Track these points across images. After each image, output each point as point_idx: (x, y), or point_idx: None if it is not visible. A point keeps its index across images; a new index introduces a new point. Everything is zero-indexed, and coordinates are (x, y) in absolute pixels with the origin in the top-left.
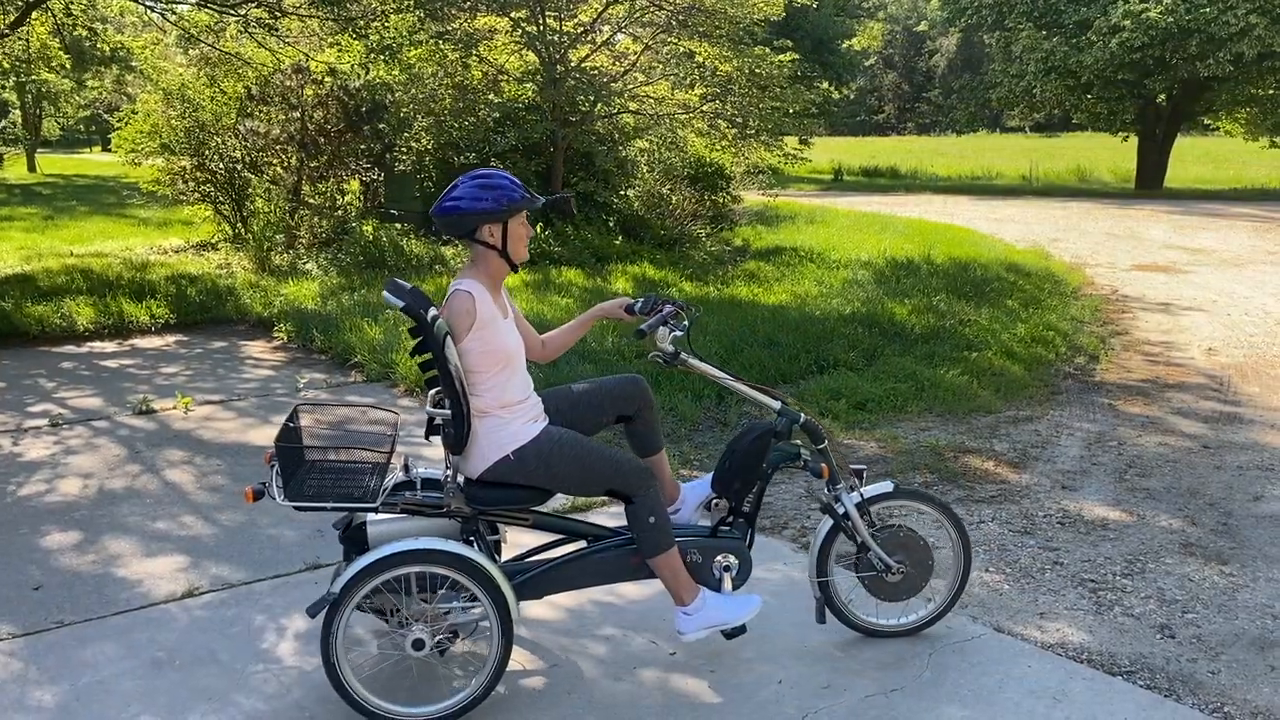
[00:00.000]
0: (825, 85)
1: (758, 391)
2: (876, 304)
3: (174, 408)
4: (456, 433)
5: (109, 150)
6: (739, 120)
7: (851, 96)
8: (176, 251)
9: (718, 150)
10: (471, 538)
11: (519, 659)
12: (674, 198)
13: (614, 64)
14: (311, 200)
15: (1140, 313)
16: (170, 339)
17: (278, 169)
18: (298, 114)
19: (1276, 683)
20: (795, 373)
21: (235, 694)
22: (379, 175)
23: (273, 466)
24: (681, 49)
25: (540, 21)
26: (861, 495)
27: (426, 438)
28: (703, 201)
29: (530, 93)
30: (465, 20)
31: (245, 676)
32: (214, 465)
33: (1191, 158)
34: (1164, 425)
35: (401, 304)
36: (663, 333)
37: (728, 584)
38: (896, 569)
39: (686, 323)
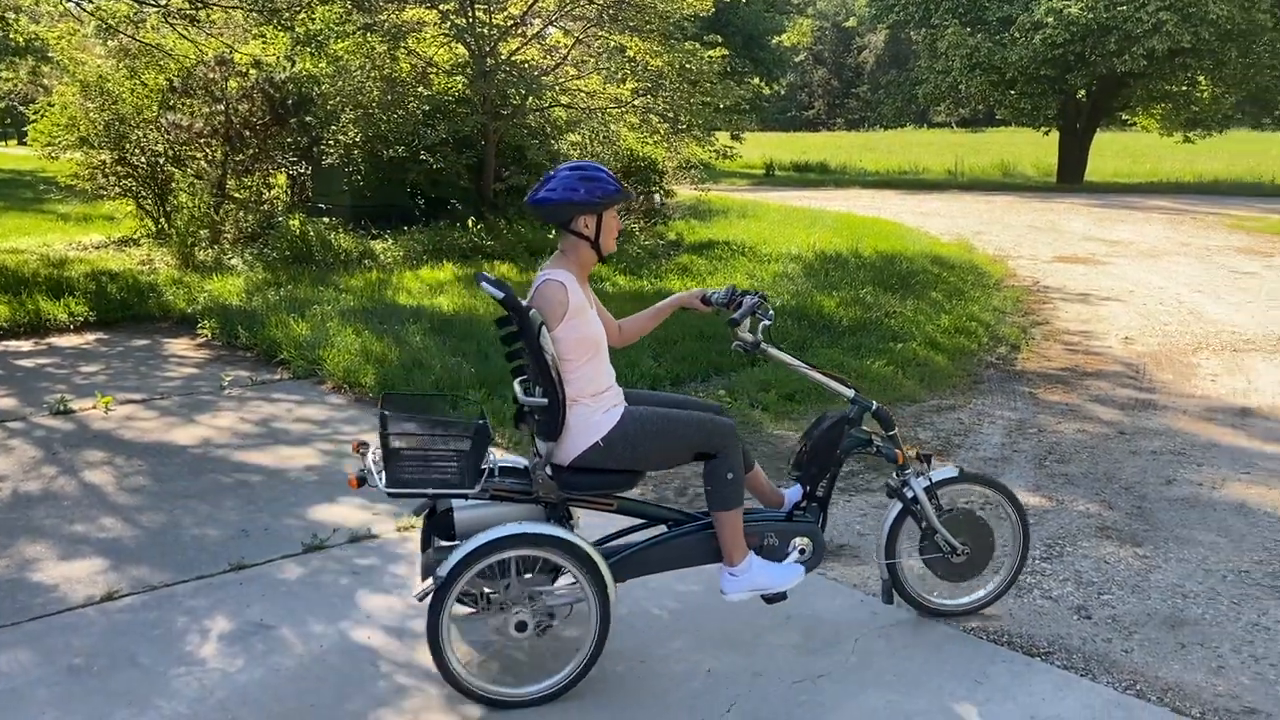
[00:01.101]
0: (756, 81)
1: (832, 380)
2: (806, 297)
3: (93, 407)
4: (551, 420)
5: (25, 143)
6: (670, 115)
7: (782, 92)
8: (97, 248)
9: (650, 145)
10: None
11: None
12: None
13: (545, 57)
14: (237, 194)
15: (1060, 303)
16: (90, 337)
17: (202, 163)
18: (222, 107)
19: (1186, 659)
20: (727, 364)
21: (156, 698)
22: (306, 169)
23: (362, 454)
24: (613, 43)
25: (469, 14)
26: (930, 480)
27: (516, 426)
28: (635, 195)
29: (460, 85)
30: (393, 12)
31: (167, 680)
32: (135, 466)
33: (1111, 152)
34: (1082, 412)
35: (502, 294)
36: (748, 323)
37: (792, 559)
38: (961, 551)
39: (771, 312)
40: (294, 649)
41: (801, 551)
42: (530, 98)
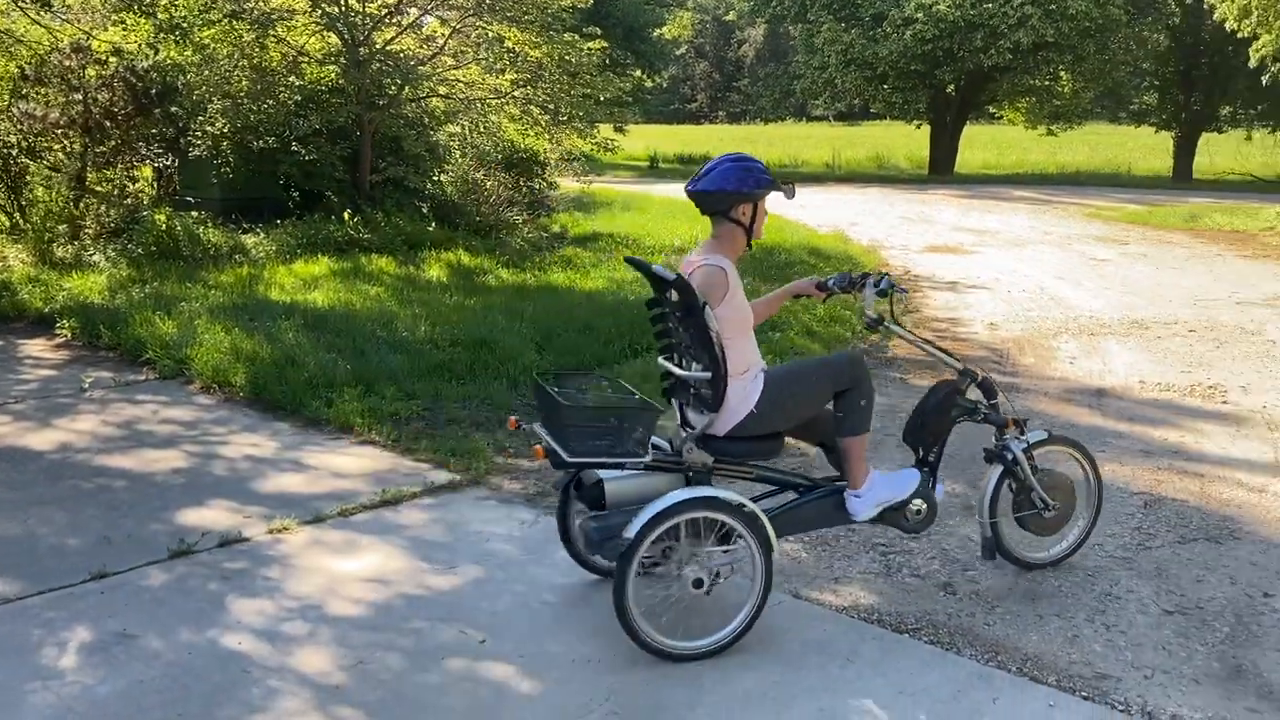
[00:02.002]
0: (638, 73)
1: (945, 355)
2: None
3: None
4: (713, 393)
5: None
6: (551, 106)
7: (664, 85)
8: None
9: (531, 136)
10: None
11: (319, 660)
12: (488, 184)
13: (421, 47)
14: (98, 188)
15: (930, 291)
16: None
17: (59, 155)
18: (80, 96)
19: (1043, 630)
20: (610, 356)
21: (8, 716)
22: (173, 161)
23: (520, 429)
24: (491, 33)
25: (342, 2)
26: (1027, 442)
27: (668, 400)
28: (518, 188)
29: (333, 75)
30: None
31: (21, 696)
32: None
33: (979, 144)
34: None
35: (674, 276)
36: (874, 299)
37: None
38: (1052, 506)
39: (905, 288)
40: (160, 658)
41: (917, 512)
42: (406, 88)
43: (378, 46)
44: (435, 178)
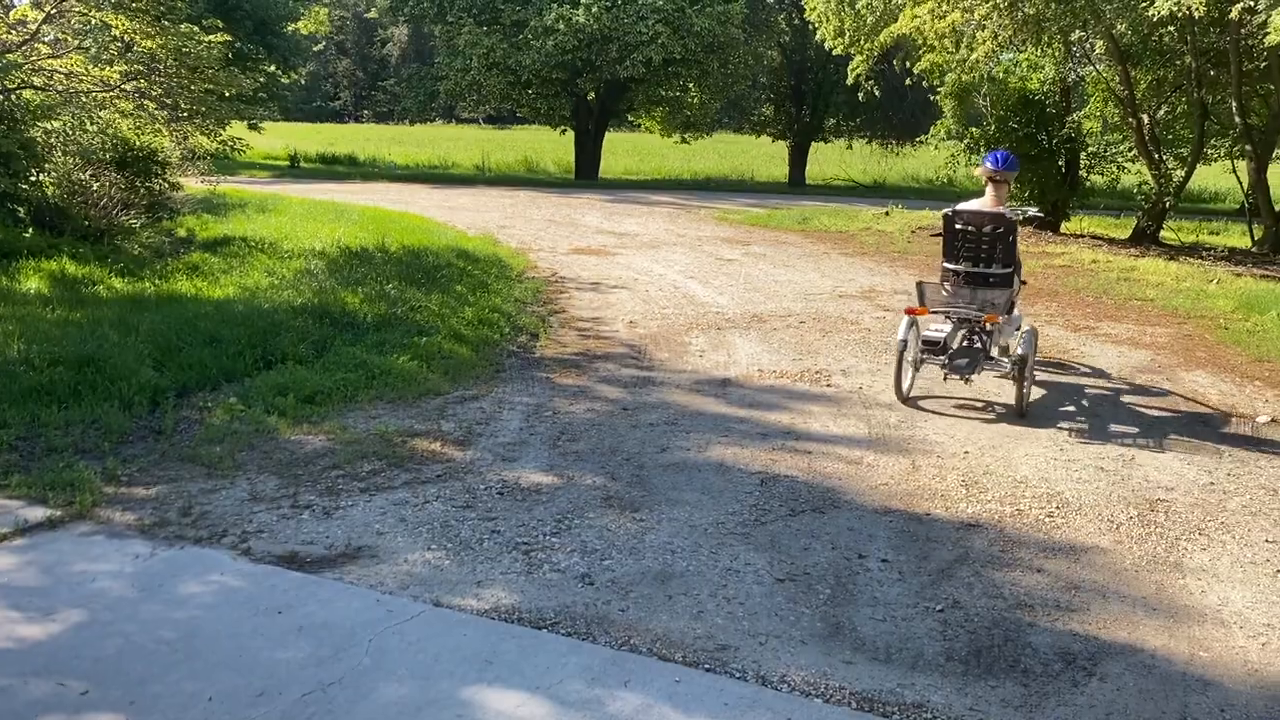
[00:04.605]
0: (272, 69)
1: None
2: (329, 294)
3: None
4: (1011, 280)
5: None
6: (169, 102)
7: (304, 82)
8: None
9: (149, 133)
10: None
11: None
12: (97, 185)
13: (10, 33)
14: None
15: (575, 292)
16: None
17: None
18: None
19: (673, 609)
20: (240, 370)
21: None
22: None
23: (912, 323)
24: (95, 20)
25: None
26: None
27: (963, 287)
28: (135, 189)
29: None
30: None
31: None
32: None
33: (622, 151)
34: (592, 393)
35: (1016, 216)
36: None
37: None
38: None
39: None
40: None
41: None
42: None
43: None
44: (33, 178)
